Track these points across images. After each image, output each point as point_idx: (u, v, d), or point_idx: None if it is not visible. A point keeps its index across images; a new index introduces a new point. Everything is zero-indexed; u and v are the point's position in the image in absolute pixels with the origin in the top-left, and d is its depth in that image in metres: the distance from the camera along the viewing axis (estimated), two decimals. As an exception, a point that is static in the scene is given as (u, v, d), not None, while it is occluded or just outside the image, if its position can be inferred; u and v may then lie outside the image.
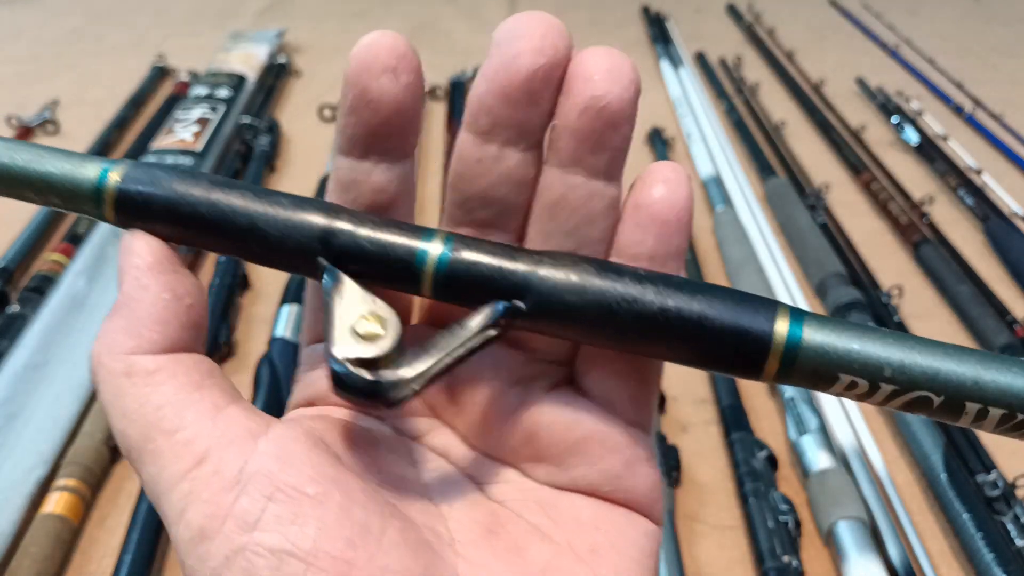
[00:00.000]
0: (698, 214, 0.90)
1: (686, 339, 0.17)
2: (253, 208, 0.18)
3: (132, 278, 0.18)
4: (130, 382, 0.17)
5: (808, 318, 0.17)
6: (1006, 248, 0.84)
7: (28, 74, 1.26)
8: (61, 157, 0.18)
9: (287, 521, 0.15)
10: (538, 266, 0.18)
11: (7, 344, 0.65)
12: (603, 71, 0.17)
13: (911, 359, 0.16)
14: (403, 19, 1.51)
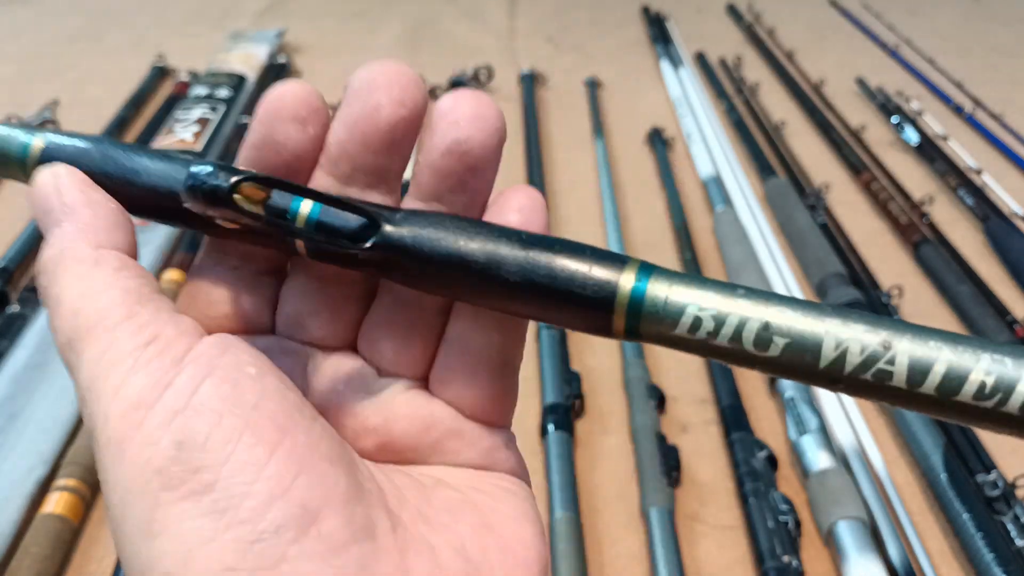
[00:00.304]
0: (698, 214, 0.90)
1: (534, 292, 0.17)
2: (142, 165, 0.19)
3: (76, 190, 0.19)
4: (98, 268, 0.18)
5: (656, 272, 0.17)
6: (1006, 248, 0.84)
7: (28, 74, 1.26)
8: None
9: (228, 389, 0.16)
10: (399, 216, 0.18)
11: (7, 344, 0.65)
12: (469, 116, 0.18)
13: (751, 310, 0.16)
14: (403, 19, 1.51)
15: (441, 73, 1.21)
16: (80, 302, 0.17)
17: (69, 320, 0.17)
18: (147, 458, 0.16)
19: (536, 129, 1.06)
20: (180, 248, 0.81)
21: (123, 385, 0.16)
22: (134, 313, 0.17)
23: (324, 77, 1.24)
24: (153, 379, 0.16)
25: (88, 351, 0.17)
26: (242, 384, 0.17)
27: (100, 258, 0.18)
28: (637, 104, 1.18)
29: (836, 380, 0.16)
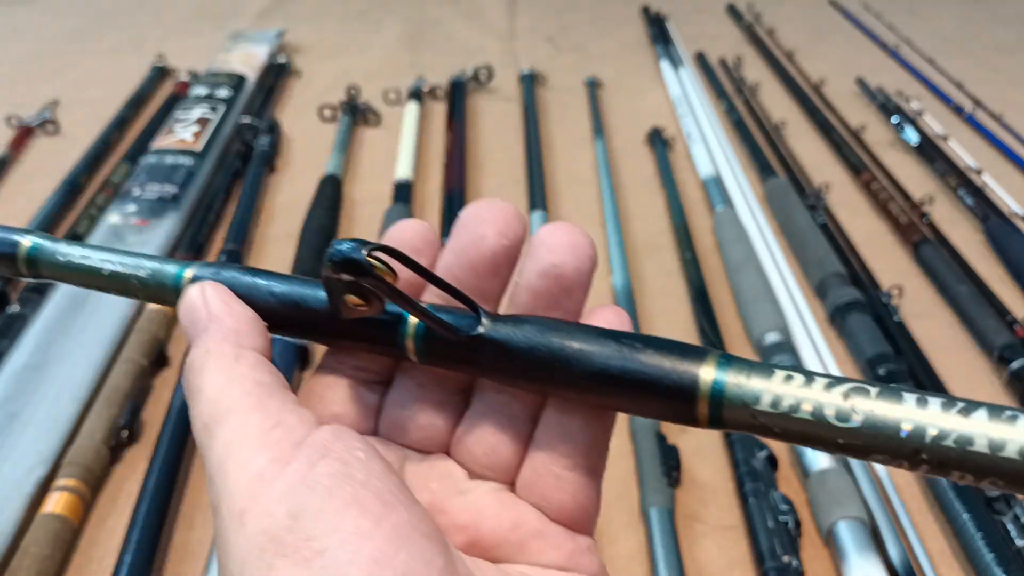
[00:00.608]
0: (698, 214, 0.90)
1: (623, 386, 0.19)
2: (287, 292, 0.22)
3: (220, 301, 0.22)
4: (237, 364, 0.20)
5: (736, 364, 0.18)
6: (1006, 248, 0.84)
7: (28, 74, 1.26)
8: (151, 260, 0.24)
9: (339, 467, 0.18)
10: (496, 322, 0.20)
11: (7, 344, 0.65)
12: (564, 244, 0.20)
13: None
14: (403, 19, 1.51)
15: (441, 73, 1.21)
16: (219, 392, 0.20)
17: (208, 407, 0.20)
18: (264, 527, 0.17)
19: (536, 129, 1.06)
20: (180, 249, 0.81)
21: (248, 461, 0.18)
22: (264, 403, 0.19)
23: (324, 77, 1.25)
24: (274, 457, 0.18)
25: (221, 433, 0.19)
26: (352, 464, 0.18)
27: (239, 356, 0.21)
28: (637, 104, 1.18)
29: (918, 451, 0.16)
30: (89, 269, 0.24)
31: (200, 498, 0.57)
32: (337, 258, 0.19)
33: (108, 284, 0.24)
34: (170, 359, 0.68)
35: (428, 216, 0.89)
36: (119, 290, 0.24)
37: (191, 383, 0.21)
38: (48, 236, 0.25)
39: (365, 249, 0.19)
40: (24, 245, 0.25)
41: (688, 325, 0.73)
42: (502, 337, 0.20)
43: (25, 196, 0.91)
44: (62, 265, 0.24)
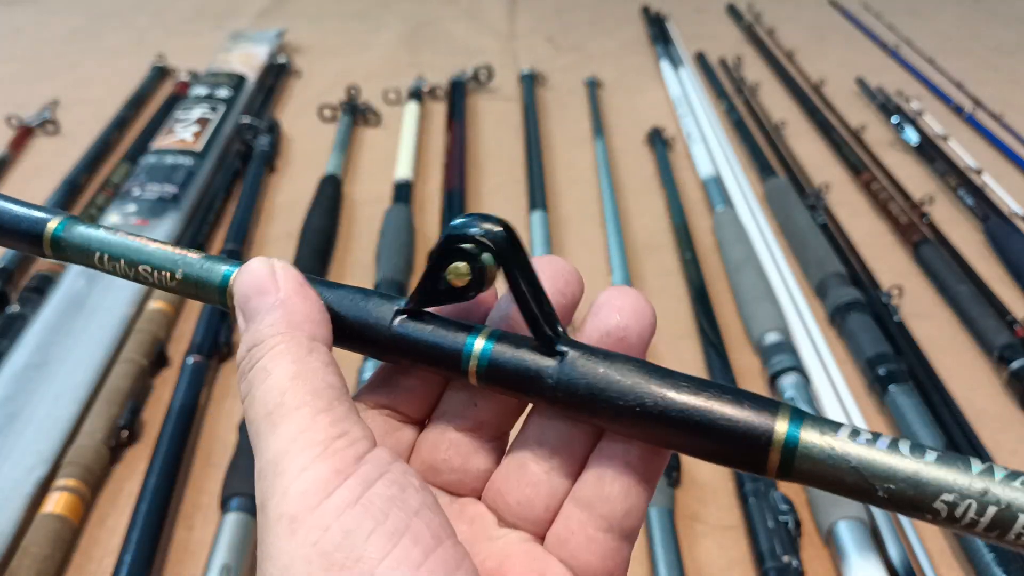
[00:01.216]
0: (698, 214, 0.90)
1: (692, 434, 0.19)
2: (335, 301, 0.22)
3: (296, 283, 0.21)
4: (311, 358, 0.20)
5: (809, 420, 0.18)
6: (1006, 248, 0.84)
7: (28, 74, 1.26)
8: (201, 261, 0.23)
9: (396, 491, 0.18)
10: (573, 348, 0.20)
11: (7, 344, 0.65)
12: (630, 308, 0.21)
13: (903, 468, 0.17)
14: (403, 19, 1.51)
15: (441, 73, 1.21)
16: (290, 383, 0.19)
17: (274, 395, 0.19)
18: (315, 540, 0.17)
19: (536, 129, 1.06)
20: (180, 248, 0.81)
21: (309, 467, 0.18)
22: (332, 407, 0.19)
23: (324, 77, 1.25)
24: (336, 468, 0.18)
25: (285, 427, 0.19)
26: (408, 490, 0.18)
27: (313, 349, 0.20)
28: (637, 104, 1.18)
29: (965, 513, 0.17)
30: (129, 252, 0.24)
31: (200, 498, 0.57)
32: (473, 226, 0.20)
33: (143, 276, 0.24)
34: (170, 359, 0.68)
35: (428, 216, 0.89)
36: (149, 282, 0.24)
37: (256, 361, 0.20)
38: (77, 218, 0.25)
39: (489, 224, 0.20)
40: (50, 226, 0.24)
41: (688, 325, 0.73)
42: (583, 364, 0.20)
43: (25, 196, 0.90)
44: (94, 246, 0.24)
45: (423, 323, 0.21)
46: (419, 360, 0.21)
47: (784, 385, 0.64)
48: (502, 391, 0.21)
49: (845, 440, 0.18)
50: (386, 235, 0.81)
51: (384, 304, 0.22)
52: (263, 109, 1.11)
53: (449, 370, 0.21)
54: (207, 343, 0.67)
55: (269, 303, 0.21)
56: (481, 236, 0.20)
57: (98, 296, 0.71)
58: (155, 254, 0.23)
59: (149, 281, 0.24)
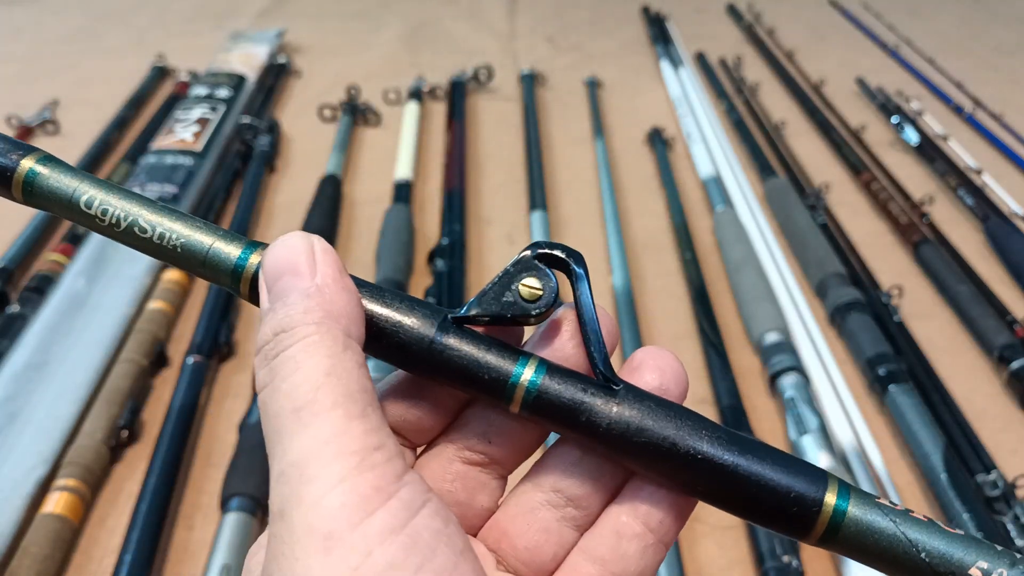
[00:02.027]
0: (698, 214, 0.90)
1: (740, 492, 0.19)
2: (371, 310, 0.20)
3: (335, 269, 0.19)
4: (346, 355, 0.18)
5: (856, 494, 0.19)
6: (1006, 248, 0.84)
7: (28, 74, 1.26)
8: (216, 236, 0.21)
9: (440, 524, 0.17)
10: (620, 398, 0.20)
11: (7, 344, 0.65)
12: (671, 370, 0.21)
13: None
14: (403, 19, 1.51)
15: (441, 73, 1.21)
16: (324, 379, 0.17)
17: (305, 390, 0.17)
18: (356, 565, 0.16)
19: (536, 129, 1.06)
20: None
21: (347, 479, 0.16)
22: (367, 414, 0.17)
23: (324, 77, 1.24)
24: (376, 485, 0.16)
25: (316, 428, 0.17)
26: (452, 525, 0.17)
27: (348, 346, 0.18)
28: (637, 104, 1.18)
29: None
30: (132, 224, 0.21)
31: (200, 498, 0.57)
32: (553, 245, 0.20)
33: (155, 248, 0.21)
34: (170, 359, 0.68)
35: (428, 216, 0.89)
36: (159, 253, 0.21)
37: (282, 345, 0.18)
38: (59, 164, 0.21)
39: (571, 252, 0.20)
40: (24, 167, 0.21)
41: (688, 325, 0.73)
42: (642, 406, 0.20)
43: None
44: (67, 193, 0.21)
45: (469, 339, 0.20)
46: (455, 379, 0.20)
47: (784, 385, 0.64)
48: (545, 423, 0.20)
49: (887, 513, 0.19)
50: (386, 235, 0.81)
51: (426, 311, 0.20)
52: (263, 109, 1.11)
53: (489, 394, 0.20)
54: (207, 343, 0.67)
55: (304, 287, 0.19)
56: (566, 256, 0.20)
57: (98, 296, 0.71)
58: (159, 209, 0.21)
59: (144, 239, 0.21)
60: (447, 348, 0.20)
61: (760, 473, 0.19)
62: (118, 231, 0.21)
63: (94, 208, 0.20)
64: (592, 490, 0.21)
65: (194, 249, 0.20)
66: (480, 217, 0.89)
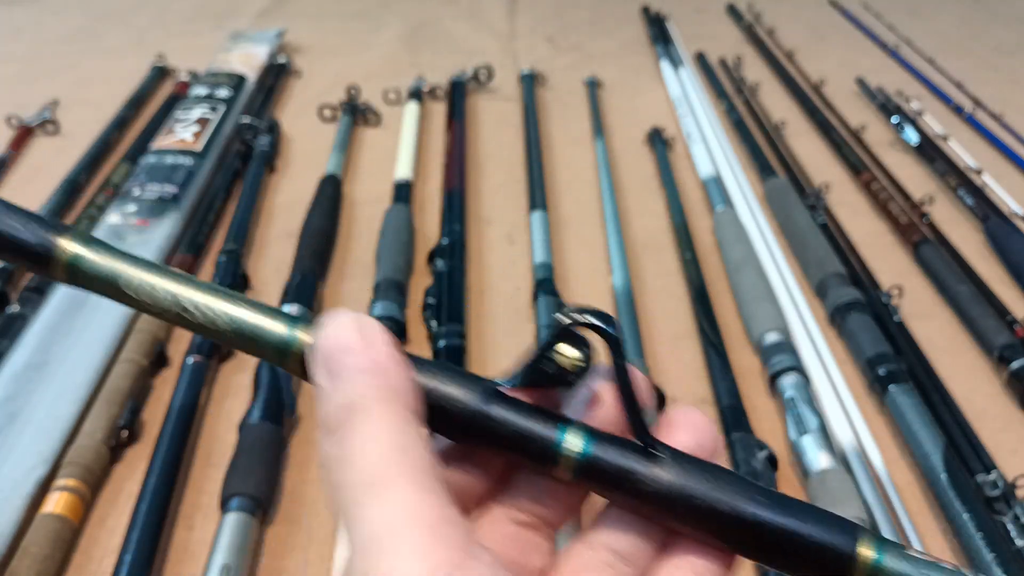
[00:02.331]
0: (698, 214, 0.90)
1: (781, 548, 0.20)
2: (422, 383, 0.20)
3: (388, 346, 0.19)
4: (410, 428, 0.18)
5: (888, 546, 0.20)
6: (1006, 248, 0.84)
7: (28, 74, 1.26)
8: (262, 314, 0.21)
9: None
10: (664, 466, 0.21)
11: (7, 344, 0.65)
12: (706, 427, 0.22)
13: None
14: (403, 19, 1.51)
15: (441, 73, 1.21)
16: (394, 453, 0.18)
17: (378, 464, 0.17)
18: None
19: (536, 129, 1.06)
20: (180, 250, 0.81)
21: (420, 551, 0.16)
22: (436, 488, 0.17)
23: (324, 77, 1.24)
24: (449, 559, 0.16)
25: (391, 501, 0.17)
26: None
27: (410, 422, 0.18)
28: (637, 104, 1.18)
29: None
30: None
31: (200, 498, 0.57)
32: (584, 311, 0.20)
33: None
34: (170, 359, 0.68)
35: (428, 216, 0.89)
36: None
37: (348, 418, 0.18)
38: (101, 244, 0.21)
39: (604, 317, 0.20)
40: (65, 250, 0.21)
41: (688, 325, 0.73)
42: (684, 473, 0.20)
43: (25, 196, 0.91)
44: None
45: (516, 409, 0.20)
46: (505, 447, 0.20)
47: (784, 385, 0.64)
48: (593, 488, 0.21)
49: (917, 564, 0.19)
50: (386, 235, 0.81)
51: (473, 383, 0.21)
52: (263, 109, 1.11)
53: (538, 461, 0.20)
54: (207, 343, 0.67)
55: (361, 364, 0.19)
56: (601, 322, 0.20)
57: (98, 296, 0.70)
58: (206, 289, 0.21)
59: (191, 322, 0.21)
60: (495, 419, 0.20)
61: (796, 530, 0.20)
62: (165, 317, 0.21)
63: (135, 291, 0.21)
64: (643, 546, 0.21)
65: (243, 331, 0.21)
66: (480, 217, 0.90)
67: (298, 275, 0.75)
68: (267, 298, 0.75)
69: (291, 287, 0.73)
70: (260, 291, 0.77)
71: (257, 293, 0.77)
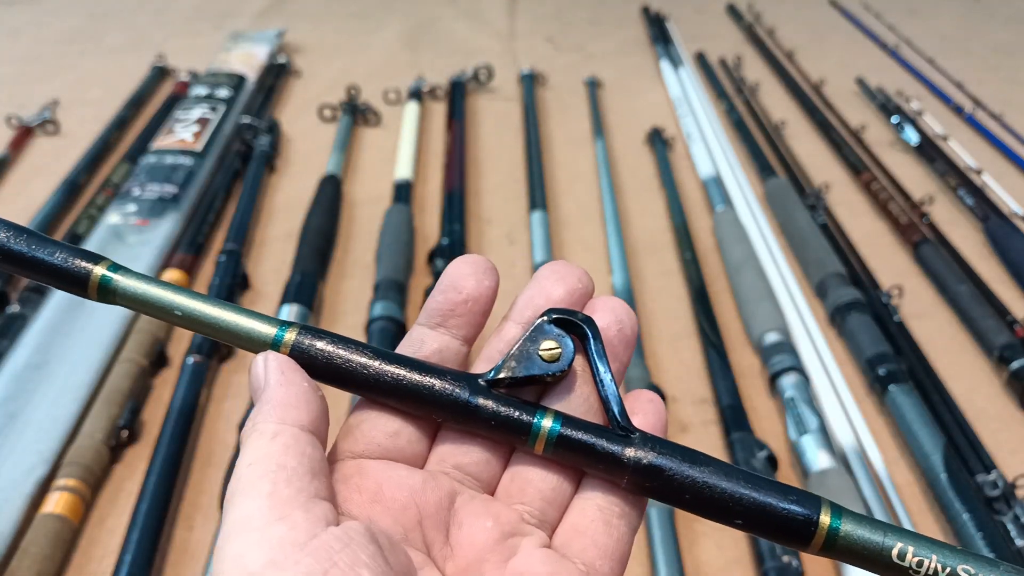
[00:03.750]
0: (698, 214, 0.90)
1: (750, 518, 0.22)
2: (408, 378, 0.23)
3: (278, 372, 0.22)
4: (272, 442, 0.21)
5: (847, 514, 0.22)
6: (1006, 248, 0.84)
7: (28, 74, 1.26)
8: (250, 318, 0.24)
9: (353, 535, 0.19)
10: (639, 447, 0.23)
11: (7, 344, 0.65)
12: (621, 306, 0.25)
13: None
14: (403, 19, 1.51)
15: (441, 73, 1.21)
16: (245, 469, 0.20)
17: (233, 483, 0.20)
18: None
19: (536, 129, 1.06)
20: (180, 249, 0.81)
21: (245, 554, 0.18)
22: (277, 491, 0.19)
23: (324, 77, 1.25)
24: (271, 559, 0.18)
25: (231, 511, 0.19)
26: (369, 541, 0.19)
27: (278, 433, 0.21)
28: (637, 104, 1.18)
29: None
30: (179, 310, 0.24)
31: (200, 498, 0.57)
32: (565, 312, 0.23)
33: None
34: (170, 359, 0.68)
35: (428, 216, 0.89)
36: None
37: (242, 445, 0.21)
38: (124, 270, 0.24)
39: None
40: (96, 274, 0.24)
41: (688, 325, 0.73)
42: (653, 451, 0.23)
43: (25, 196, 0.91)
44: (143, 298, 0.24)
45: (495, 399, 0.23)
46: (489, 431, 0.23)
47: (784, 385, 0.64)
48: (568, 462, 0.23)
49: (878, 532, 0.22)
50: (386, 235, 0.81)
51: (459, 378, 0.23)
52: (263, 109, 1.11)
53: (516, 437, 0.23)
54: (207, 343, 0.67)
55: (257, 396, 0.22)
56: (579, 320, 0.23)
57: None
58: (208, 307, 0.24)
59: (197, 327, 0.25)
60: (480, 407, 0.23)
61: (765, 501, 0.22)
62: None
63: None
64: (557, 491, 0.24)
65: (242, 335, 0.24)
66: (480, 217, 0.90)
67: (298, 275, 0.75)
68: (268, 299, 0.75)
69: (291, 287, 0.73)
70: (260, 291, 0.77)
71: (257, 293, 0.77)
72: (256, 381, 0.22)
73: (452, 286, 0.24)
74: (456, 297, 0.24)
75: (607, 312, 0.25)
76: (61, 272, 0.23)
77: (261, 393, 0.22)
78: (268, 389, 0.22)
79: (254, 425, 0.21)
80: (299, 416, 0.21)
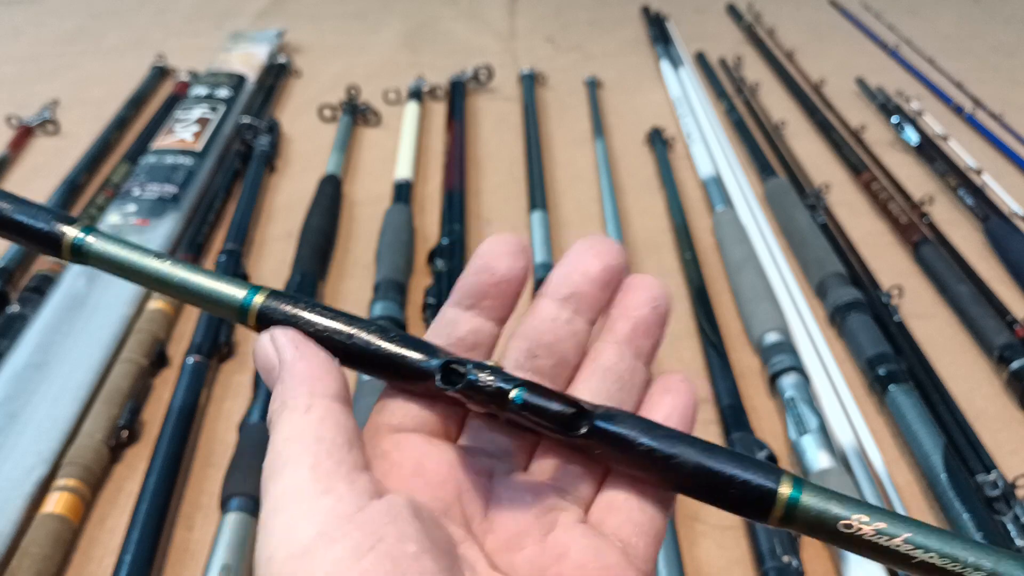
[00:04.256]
0: (698, 214, 0.90)
1: (709, 488, 0.23)
2: (379, 345, 0.23)
3: (291, 346, 0.22)
4: (306, 416, 0.20)
5: (808, 486, 0.22)
6: (1006, 248, 0.84)
7: (28, 74, 1.26)
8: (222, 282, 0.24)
9: (389, 566, 0.18)
10: None
11: (7, 344, 0.65)
12: (656, 285, 0.25)
13: None
14: (403, 19, 1.51)
15: (441, 73, 1.21)
16: (283, 445, 0.20)
17: (271, 459, 0.20)
18: None
19: (536, 129, 1.06)
20: (180, 249, 0.81)
21: (294, 528, 0.18)
22: (320, 463, 0.19)
23: (324, 77, 1.25)
24: (321, 531, 0.18)
25: (273, 487, 0.19)
26: (401, 563, 0.18)
27: (311, 406, 0.21)
28: (637, 104, 1.18)
29: None
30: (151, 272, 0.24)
31: (200, 498, 0.57)
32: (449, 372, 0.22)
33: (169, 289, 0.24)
34: (170, 359, 0.68)
35: (428, 216, 0.89)
36: None
37: (272, 425, 0.21)
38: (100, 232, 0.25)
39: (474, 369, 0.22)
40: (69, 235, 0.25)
41: (688, 325, 0.73)
42: (606, 433, 0.22)
43: (25, 196, 0.90)
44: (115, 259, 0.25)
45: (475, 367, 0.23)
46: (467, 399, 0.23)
47: (784, 385, 0.64)
48: (532, 425, 0.23)
49: (836, 498, 0.22)
50: (386, 235, 0.81)
51: (426, 362, 0.23)
52: (263, 109, 1.11)
53: (493, 405, 0.23)
54: (207, 343, 0.67)
55: (275, 377, 0.22)
56: None
57: (98, 296, 0.71)
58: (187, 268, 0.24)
59: None
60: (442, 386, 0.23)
61: (725, 471, 0.23)
62: None
63: None
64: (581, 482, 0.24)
65: (216, 297, 0.24)
66: (480, 217, 0.90)
67: (298, 275, 0.75)
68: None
69: (291, 287, 0.73)
70: (260, 291, 0.77)
71: (257, 293, 0.77)
72: (266, 360, 0.22)
73: (485, 267, 0.24)
74: (489, 279, 0.24)
75: (642, 290, 0.25)
76: (36, 233, 0.24)
77: (279, 370, 0.22)
78: (287, 364, 0.22)
79: (283, 402, 0.21)
80: (327, 387, 0.21)
